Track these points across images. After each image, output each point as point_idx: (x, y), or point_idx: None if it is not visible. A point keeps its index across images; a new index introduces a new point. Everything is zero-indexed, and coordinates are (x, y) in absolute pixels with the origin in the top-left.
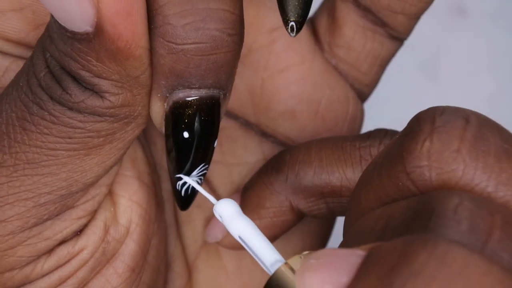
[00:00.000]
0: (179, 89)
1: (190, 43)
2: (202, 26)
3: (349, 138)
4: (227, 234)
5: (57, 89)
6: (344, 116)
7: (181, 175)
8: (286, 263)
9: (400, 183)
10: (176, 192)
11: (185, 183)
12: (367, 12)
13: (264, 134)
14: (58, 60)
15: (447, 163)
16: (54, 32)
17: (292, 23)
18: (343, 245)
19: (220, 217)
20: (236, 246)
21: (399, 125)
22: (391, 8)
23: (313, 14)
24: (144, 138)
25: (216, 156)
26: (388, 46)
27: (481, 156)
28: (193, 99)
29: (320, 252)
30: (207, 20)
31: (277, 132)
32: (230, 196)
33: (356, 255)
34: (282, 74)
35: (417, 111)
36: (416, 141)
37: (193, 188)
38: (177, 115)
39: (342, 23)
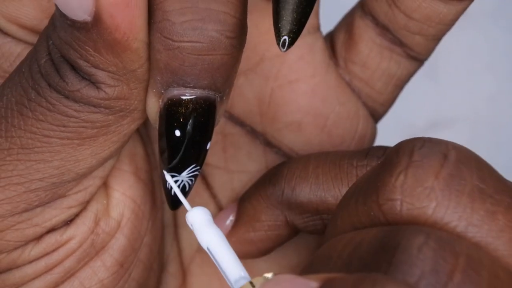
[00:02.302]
0: (174, 87)
1: (187, 41)
2: (200, 26)
3: (347, 155)
4: None
5: (55, 77)
6: (352, 133)
7: (168, 175)
8: (250, 282)
9: (372, 213)
10: (167, 191)
11: (175, 182)
12: (385, 30)
13: (269, 143)
14: (58, 47)
15: (419, 199)
16: (57, 20)
17: (284, 37)
18: (309, 266)
19: (191, 225)
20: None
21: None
22: (409, 28)
23: (333, 29)
24: (147, 136)
25: (219, 161)
26: (406, 66)
27: (454, 195)
28: (187, 98)
29: (281, 277)
30: (206, 20)
31: (282, 143)
32: (228, 204)
33: (309, 287)
34: (292, 85)
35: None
36: (391, 173)
37: (183, 188)
38: (171, 112)
39: (359, 39)
